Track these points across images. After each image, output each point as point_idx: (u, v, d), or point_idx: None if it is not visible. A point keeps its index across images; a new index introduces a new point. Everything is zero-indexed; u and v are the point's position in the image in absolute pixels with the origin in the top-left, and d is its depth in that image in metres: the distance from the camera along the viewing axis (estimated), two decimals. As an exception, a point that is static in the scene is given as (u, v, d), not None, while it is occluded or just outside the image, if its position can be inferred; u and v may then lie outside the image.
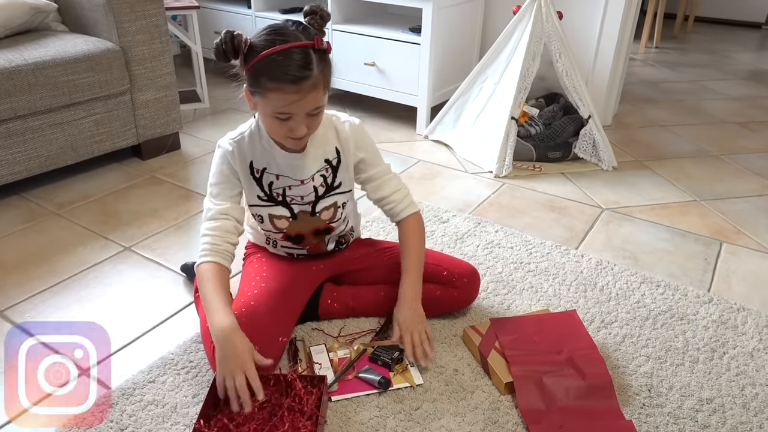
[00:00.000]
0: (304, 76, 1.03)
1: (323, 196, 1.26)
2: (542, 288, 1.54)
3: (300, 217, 1.27)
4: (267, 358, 1.11)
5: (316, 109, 1.09)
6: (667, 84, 3.35)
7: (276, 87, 1.04)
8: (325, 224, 1.30)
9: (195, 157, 2.31)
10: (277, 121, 1.10)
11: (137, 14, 2.05)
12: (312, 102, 1.07)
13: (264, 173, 1.23)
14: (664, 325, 1.41)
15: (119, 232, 1.78)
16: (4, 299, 1.48)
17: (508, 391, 1.20)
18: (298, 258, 1.38)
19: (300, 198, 1.25)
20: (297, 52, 1.04)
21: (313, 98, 1.06)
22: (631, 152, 2.40)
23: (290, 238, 1.31)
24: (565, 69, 2.18)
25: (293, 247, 1.36)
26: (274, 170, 1.23)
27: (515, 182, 2.14)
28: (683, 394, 1.21)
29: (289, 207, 1.26)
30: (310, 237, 1.32)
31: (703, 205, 2.00)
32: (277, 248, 1.38)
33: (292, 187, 1.24)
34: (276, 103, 1.06)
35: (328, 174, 1.26)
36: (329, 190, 1.27)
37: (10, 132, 1.83)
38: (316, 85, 1.05)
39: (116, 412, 1.14)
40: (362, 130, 1.28)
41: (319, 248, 1.36)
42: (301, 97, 1.05)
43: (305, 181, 1.23)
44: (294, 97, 1.04)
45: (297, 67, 1.03)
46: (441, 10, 2.38)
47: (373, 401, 1.18)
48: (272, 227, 1.28)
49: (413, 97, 2.53)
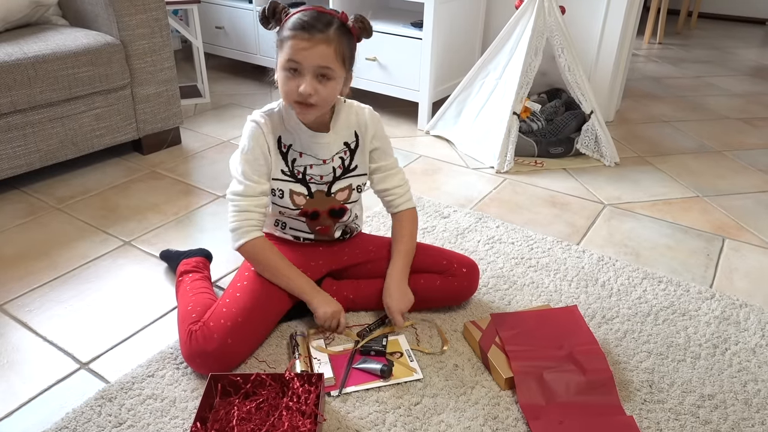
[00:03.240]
0: (318, 28, 1.11)
1: (339, 178, 1.31)
2: (543, 283, 1.53)
3: (316, 196, 1.31)
4: (262, 333, 1.28)
5: (326, 68, 1.13)
6: (670, 80, 3.33)
7: (290, 34, 1.12)
8: (340, 204, 1.33)
9: (196, 151, 2.30)
10: (287, 75, 1.15)
11: (137, 8, 2.04)
12: (320, 56, 1.11)
13: (290, 149, 1.27)
14: (665, 320, 1.40)
15: (119, 227, 1.77)
16: (5, 293, 1.48)
17: (508, 386, 1.19)
18: (304, 243, 1.39)
19: (319, 177, 1.30)
20: (321, 13, 1.13)
21: (322, 52, 1.11)
22: (634, 148, 2.39)
23: (306, 215, 1.33)
24: (568, 64, 2.17)
25: (302, 231, 1.37)
26: (298, 147, 1.27)
27: (517, 178, 2.13)
28: (684, 390, 1.20)
29: (307, 185, 1.30)
30: (325, 216, 1.34)
31: (705, 201, 1.99)
32: (285, 230, 1.38)
33: (314, 166, 1.28)
34: (288, 51, 1.12)
35: (346, 156, 1.31)
36: (345, 172, 1.32)
37: (10, 126, 1.83)
38: (327, 41, 1.11)
39: (115, 406, 1.14)
40: (380, 120, 1.34)
41: (327, 232, 1.37)
42: (310, 46, 1.10)
43: (327, 161, 1.28)
44: (303, 44, 1.10)
45: (313, 18, 1.12)
46: (442, 5, 2.36)
47: (373, 396, 1.17)
48: (291, 203, 1.30)
49: (415, 92, 2.52)
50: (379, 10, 2.80)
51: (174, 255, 1.56)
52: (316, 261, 1.38)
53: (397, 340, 1.30)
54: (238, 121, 2.60)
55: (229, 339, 1.18)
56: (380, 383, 1.20)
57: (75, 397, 1.18)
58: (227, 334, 1.18)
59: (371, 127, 1.31)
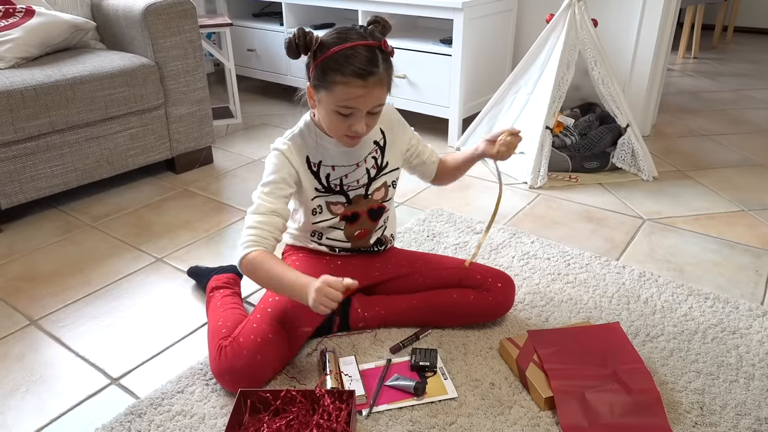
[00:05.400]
0: (372, 72, 1.07)
1: (375, 178, 1.30)
2: (582, 300, 1.47)
3: (355, 200, 1.30)
4: (292, 350, 1.24)
5: (378, 106, 1.13)
6: (708, 94, 3.25)
7: (344, 80, 1.07)
8: (378, 203, 1.32)
9: (227, 170, 2.32)
10: (338, 116, 1.12)
11: (172, 30, 2.08)
12: (376, 98, 1.11)
13: (321, 166, 1.25)
14: (714, 339, 1.33)
15: (152, 244, 1.78)
16: (40, 308, 1.49)
17: (548, 406, 1.14)
18: (339, 254, 1.36)
19: (356, 182, 1.28)
20: (365, 50, 1.08)
21: (377, 95, 1.10)
22: (672, 162, 2.32)
23: (347, 218, 1.31)
24: (601, 77, 2.13)
25: (338, 240, 1.34)
26: (329, 162, 1.25)
27: (551, 193, 2.08)
28: (739, 413, 1.13)
29: (346, 194, 1.28)
30: (365, 216, 1.32)
31: (751, 216, 1.91)
32: (321, 240, 1.35)
33: (348, 174, 1.27)
34: (341, 96, 1.09)
35: (378, 155, 1.29)
36: (380, 171, 1.30)
37: (48, 146, 1.87)
38: (381, 82, 1.10)
39: (144, 422, 1.12)
40: (398, 113, 1.35)
41: (364, 237, 1.34)
42: (366, 92, 1.08)
43: (359, 164, 1.27)
44: (360, 91, 1.08)
45: (365, 62, 1.07)
46: (472, 21, 2.35)
47: (406, 415, 1.13)
48: (329, 212, 1.29)
49: (445, 108, 2.51)
50: (408, 29, 2.81)
51: (203, 272, 1.55)
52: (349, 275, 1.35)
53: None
54: (268, 140, 2.61)
55: (258, 355, 1.16)
56: (413, 401, 1.16)
57: (105, 413, 1.17)
58: (257, 350, 1.16)
59: (400, 124, 1.33)
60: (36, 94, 1.79)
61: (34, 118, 1.80)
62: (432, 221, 1.87)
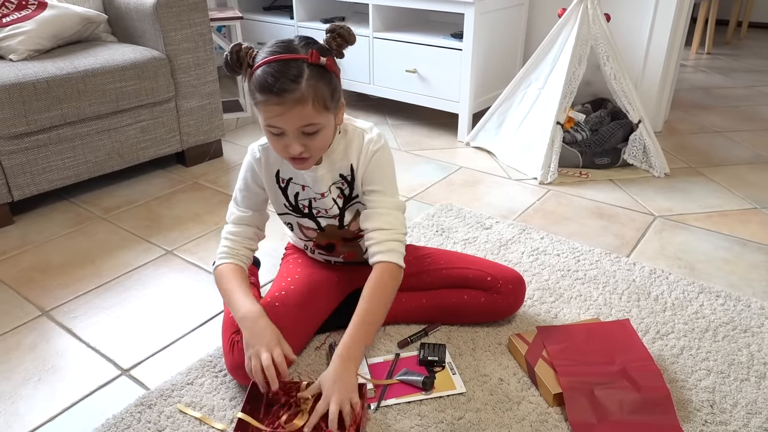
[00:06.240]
0: (287, 89, 0.98)
1: (345, 207, 1.23)
2: (591, 296, 1.47)
3: (328, 230, 1.26)
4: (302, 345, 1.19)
5: (309, 126, 1.02)
6: (721, 90, 3.21)
7: (261, 99, 1.00)
8: (353, 234, 1.27)
9: (237, 163, 2.32)
10: (272, 136, 1.06)
11: (183, 23, 2.09)
12: (299, 118, 1.00)
13: (290, 183, 1.21)
14: (725, 337, 1.32)
15: (162, 236, 1.79)
16: (51, 299, 1.50)
17: (556, 402, 1.13)
18: (336, 264, 1.36)
19: (324, 211, 1.23)
20: (286, 64, 0.99)
21: (299, 113, 1.00)
22: (684, 158, 2.30)
23: (321, 247, 1.30)
24: (614, 72, 2.11)
25: (328, 255, 1.34)
26: (299, 181, 1.20)
27: (561, 189, 2.07)
28: (750, 411, 1.12)
29: (316, 220, 1.24)
30: (340, 245, 1.30)
31: (764, 213, 1.89)
32: (314, 254, 1.36)
33: (316, 199, 1.21)
34: (263, 114, 1.02)
35: (345, 187, 1.20)
36: (348, 200, 1.22)
37: (60, 138, 1.88)
38: (302, 100, 0.99)
39: (154, 413, 1.13)
40: (383, 158, 1.17)
41: (354, 257, 1.33)
42: (284, 110, 0.99)
43: (324, 194, 1.20)
44: (277, 109, 0.99)
45: (282, 78, 0.98)
46: (483, 15, 2.34)
47: (414, 409, 1.13)
48: (303, 235, 1.28)
49: (455, 103, 2.50)
50: (419, 24, 2.79)
51: None
52: (350, 274, 1.35)
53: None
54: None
55: None
56: (421, 396, 1.16)
57: (115, 403, 1.18)
58: None
59: (368, 168, 1.16)
60: (48, 86, 1.80)
61: (46, 111, 1.81)
62: (441, 216, 1.87)
